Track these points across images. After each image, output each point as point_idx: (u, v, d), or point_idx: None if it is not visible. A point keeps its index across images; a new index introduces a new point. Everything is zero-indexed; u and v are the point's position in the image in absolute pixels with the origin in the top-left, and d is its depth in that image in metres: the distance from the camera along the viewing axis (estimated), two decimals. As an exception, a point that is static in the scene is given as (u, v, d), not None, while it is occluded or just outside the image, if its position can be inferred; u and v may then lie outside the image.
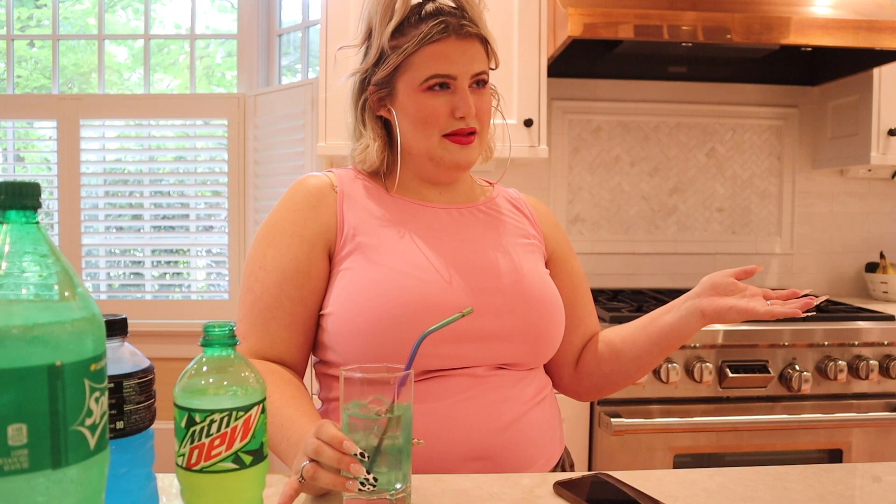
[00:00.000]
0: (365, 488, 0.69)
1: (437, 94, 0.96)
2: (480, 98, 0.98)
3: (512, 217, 1.08)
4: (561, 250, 1.11)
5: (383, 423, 0.71)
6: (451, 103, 0.96)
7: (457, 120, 0.97)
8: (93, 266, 2.78)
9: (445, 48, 0.94)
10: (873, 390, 1.84)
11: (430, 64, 0.95)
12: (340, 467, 0.68)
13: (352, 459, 0.68)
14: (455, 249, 0.97)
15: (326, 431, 0.70)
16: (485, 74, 0.98)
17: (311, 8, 2.73)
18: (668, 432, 1.78)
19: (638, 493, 0.76)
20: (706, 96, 2.48)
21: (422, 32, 0.94)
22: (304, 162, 2.52)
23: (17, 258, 0.51)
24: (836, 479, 0.83)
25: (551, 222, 1.13)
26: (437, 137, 0.98)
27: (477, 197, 1.09)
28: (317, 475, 0.69)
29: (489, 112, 1.01)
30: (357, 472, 0.68)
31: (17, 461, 0.47)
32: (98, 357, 0.52)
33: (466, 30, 0.95)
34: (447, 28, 0.94)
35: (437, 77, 0.95)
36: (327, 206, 0.98)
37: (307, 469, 0.70)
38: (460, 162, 0.99)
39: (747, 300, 0.89)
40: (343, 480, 0.69)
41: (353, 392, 0.72)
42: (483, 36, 0.97)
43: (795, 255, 2.54)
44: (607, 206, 2.47)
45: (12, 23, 2.84)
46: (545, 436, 0.96)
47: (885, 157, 2.19)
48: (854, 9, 1.93)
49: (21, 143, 2.88)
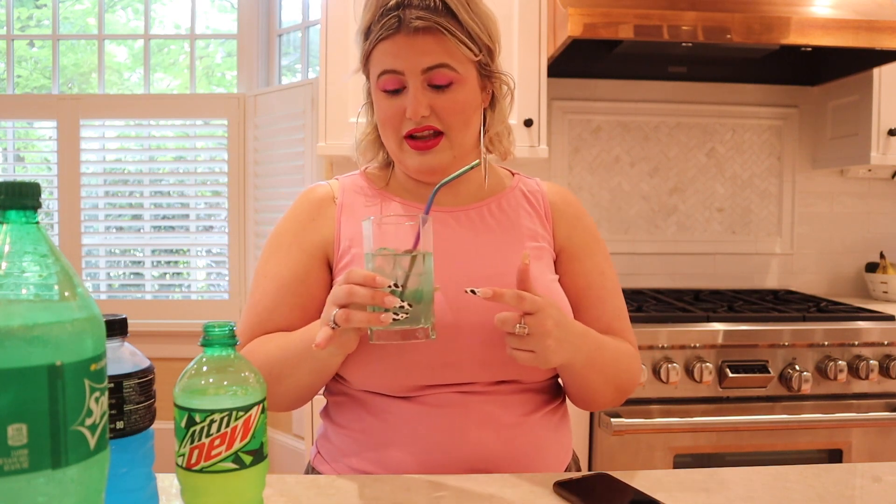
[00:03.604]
0: (399, 317, 0.75)
1: (391, 96, 0.92)
2: (442, 96, 0.91)
3: (523, 216, 1.01)
4: (572, 248, 1.02)
5: (407, 262, 0.78)
6: (403, 104, 0.92)
7: (408, 120, 0.92)
8: (93, 266, 2.78)
9: (394, 44, 0.90)
10: (873, 390, 1.84)
11: (380, 60, 0.92)
12: (374, 303, 0.74)
13: (385, 294, 0.74)
14: (455, 260, 0.93)
15: (356, 273, 0.75)
16: (443, 69, 0.90)
17: (311, 8, 2.73)
18: (668, 432, 1.78)
19: (638, 493, 0.76)
20: (706, 96, 2.48)
21: (377, 28, 0.91)
22: (304, 162, 2.51)
23: (17, 258, 0.51)
24: (836, 479, 0.82)
25: (567, 215, 1.03)
26: (395, 139, 0.94)
27: (488, 193, 1.02)
28: (350, 317, 0.75)
29: (459, 111, 0.93)
30: (391, 303, 0.74)
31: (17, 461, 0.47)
32: (98, 357, 0.53)
33: (415, 24, 0.88)
34: (398, 23, 0.89)
35: (386, 73, 0.91)
36: (327, 218, 0.99)
37: (340, 315, 0.75)
38: (420, 167, 0.95)
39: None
40: (377, 315, 0.74)
41: (378, 238, 0.79)
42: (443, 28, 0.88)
43: (795, 255, 2.54)
44: (607, 206, 2.47)
45: (12, 23, 2.84)
46: (550, 445, 0.95)
47: (885, 157, 2.19)
48: (854, 9, 1.93)
49: (21, 143, 2.88)
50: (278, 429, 2.64)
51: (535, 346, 0.80)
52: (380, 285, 0.74)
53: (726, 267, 2.51)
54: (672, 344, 1.79)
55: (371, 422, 0.91)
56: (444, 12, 0.89)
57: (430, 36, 0.89)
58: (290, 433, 2.61)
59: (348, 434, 0.93)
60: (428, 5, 0.89)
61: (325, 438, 0.98)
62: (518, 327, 0.79)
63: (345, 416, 0.94)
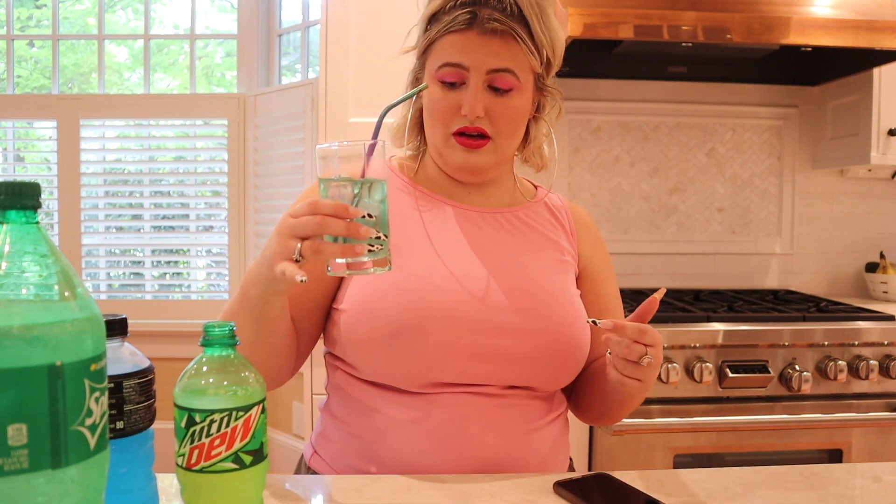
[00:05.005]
0: (374, 248, 0.72)
1: (448, 89, 0.91)
2: (499, 101, 0.91)
3: (549, 228, 1.02)
4: (594, 268, 1.04)
5: (378, 191, 0.74)
6: (459, 99, 0.91)
7: (462, 117, 0.91)
8: (93, 266, 2.78)
9: (464, 39, 0.89)
10: (873, 390, 1.84)
11: (445, 52, 0.91)
12: (348, 234, 0.70)
13: (359, 225, 0.70)
14: (483, 259, 0.93)
15: (324, 205, 0.71)
16: (507, 74, 0.90)
17: (311, 8, 2.73)
18: (668, 432, 1.78)
19: (638, 493, 0.76)
20: (706, 96, 2.48)
21: (448, 19, 0.90)
22: (304, 162, 2.52)
23: (17, 258, 0.51)
24: (836, 479, 0.83)
25: (591, 237, 1.06)
26: (443, 133, 0.93)
27: (515, 202, 1.03)
28: (322, 248, 0.71)
29: (511, 119, 0.93)
30: (367, 234, 0.71)
31: (17, 461, 0.47)
32: (98, 357, 0.52)
33: (491, 25, 0.87)
34: (473, 19, 0.89)
35: (448, 66, 0.90)
36: None
37: (308, 246, 0.71)
38: (463, 165, 0.94)
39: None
40: (350, 247, 0.71)
41: (330, 167, 0.75)
42: (517, 34, 0.88)
43: (795, 255, 2.54)
44: (607, 206, 2.47)
45: (12, 23, 2.84)
46: (555, 453, 0.95)
47: (885, 157, 2.19)
48: (854, 9, 1.93)
49: (21, 143, 2.88)
50: (278, 429, 2.64)
51: (646, 376, 0.83)
52: (353, 216, 0.71)
53: (726, 267, 2.51)
54: (672, 344, 1.79)
55: (375, 417, 0.90)
56: (518, 18, 0.89)
57: (501, 39, 0.89)
58: (290, 433, 2.61)
59: (350, 430, 0.92)
60: (504, 8, 0.88)
61: (323, 436, 0.96)
62: (645, 359, 0.80)
63: (348, 411, 0.93)
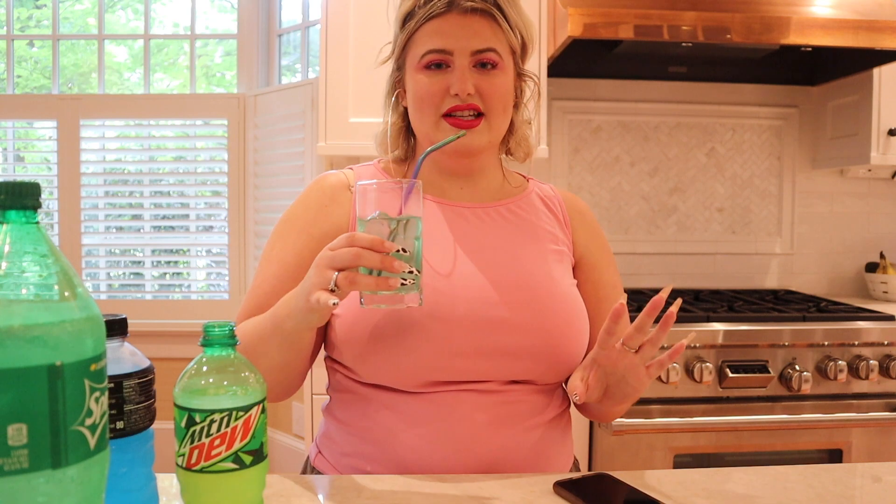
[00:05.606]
0: (407, 282, 0.75)
1: (433, 72, 0.92)
2: (487, 78, 0.92)
3: (543, 219, 1.02)
4: (590, 257, 1.04)
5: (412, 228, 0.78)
6: (446, 81, 0.92)
7: (452, 97, 0.91)
8: (93, 266, 2.78)
9: (444, 23, 0.91)
10: (873, 390, 1.84)
11: (427, 40, 0.92)
12: (383, 268, 0.73)
13: (394, 259, 0.74)
14: (475, 257, 0.93)
15: (361, 238, 0.75)
16: (491, 53, 0.92)
17: (311, 8, 2.73)
18: (667, 432, 1.78)
19: (638, 493, 0.76)
20: (706, 96, 2.48)
21: (426, 9, 0.92)
22: (304, 162, 2.52)
23: (17, 258, 0.51)
24: (836, 479, 0.82)
25: (586, 225, 1.06)
26: (434, 117, 0.93)
27: (506, 194, 1.03)
28: (356, 280, 0.74)
29: (501, 95, 0.94)
30: (400, 269, 0.74)
31: (17, 461, 0.47)
32: (98, 357, 0.52)
33: (470, 3, 0.90)
34: (450, 4, 0.91)
35: (433, 52, 0.91)
36: (340, 205, 0.97)
37: (343, 277, 0.74)
38: (458, 146, 0.93)
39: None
40: (385, 280, 0.74)
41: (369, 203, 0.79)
42: (494, 12, 0.91)
43: (795, 255, 2.54)
44: (607, 206, 2.47)
45: (12, 23, 2.84)
46: (559, 449, 0.95)
47: (885, 157, 2.19)
48: (854, 9, 1.93)
49: (21, 143, 2.88)
50: (278, 429, 2.64)
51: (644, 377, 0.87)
52: (388, 250, 0.74)
53: (726, 267, 2.51)
54: (672, 344, 1.78)
55: (377, 418, 0.90)
56: (493, 2, 0.92)
57: (482, 18, 0.91)
58: (290, 433, 2.61)
59: (352, 431, 0.92)
60: None
61: (326, 437, 0.97)
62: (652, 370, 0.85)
63: (349, 413, 0.93)
